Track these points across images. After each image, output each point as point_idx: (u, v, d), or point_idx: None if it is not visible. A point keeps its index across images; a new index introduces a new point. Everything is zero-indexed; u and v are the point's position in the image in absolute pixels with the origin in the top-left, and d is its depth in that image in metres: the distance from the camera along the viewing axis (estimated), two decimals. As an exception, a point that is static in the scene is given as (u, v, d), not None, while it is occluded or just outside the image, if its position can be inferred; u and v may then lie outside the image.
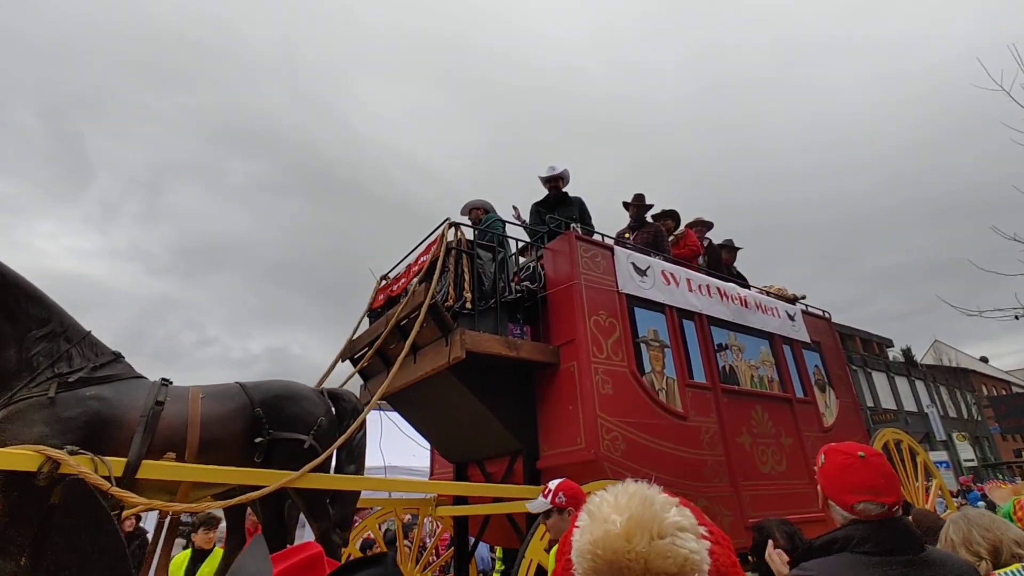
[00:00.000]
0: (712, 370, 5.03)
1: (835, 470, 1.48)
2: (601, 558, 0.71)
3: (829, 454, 1.54)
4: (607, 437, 3.99)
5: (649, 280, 4.97)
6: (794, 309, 6.47)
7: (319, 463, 3.02)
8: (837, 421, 6.10)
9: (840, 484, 1.45)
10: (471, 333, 3.97)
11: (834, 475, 1.48)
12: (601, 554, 0.72)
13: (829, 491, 1.49)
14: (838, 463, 1.49)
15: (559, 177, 5.66)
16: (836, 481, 1.46)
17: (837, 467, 1.48)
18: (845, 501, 1.42)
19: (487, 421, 4.35)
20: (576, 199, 5.44)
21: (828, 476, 1.50)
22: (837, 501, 1.45)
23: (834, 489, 1.47)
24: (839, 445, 1.56)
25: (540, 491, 2.93)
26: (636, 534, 0.72)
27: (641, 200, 6.06)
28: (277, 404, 3.07)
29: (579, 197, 5.47)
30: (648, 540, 0.71)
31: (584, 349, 4.19)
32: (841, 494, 1.43)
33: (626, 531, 0.72)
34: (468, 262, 4.29)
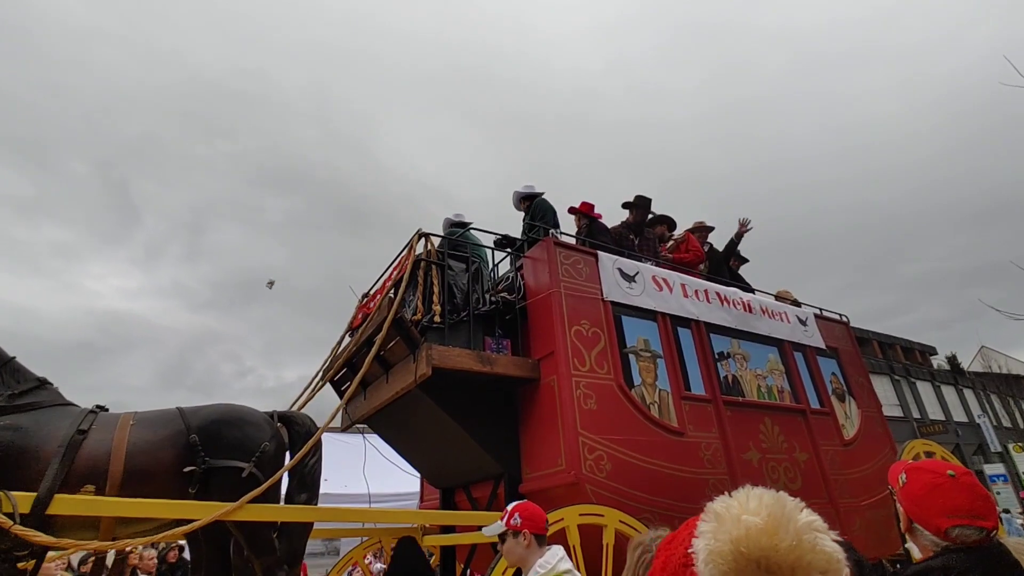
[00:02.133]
0: (712, 381, 4.66)
1: (922, 491, 1.35)
2: (745, 556, 0.63)
3: (912, 473, 1.41)
4: (590, 457, 3.67)
5: (638, 286, 4.65)
6: (805, 313, 6.05)
7: (259, 493, 2.78)
8: (860, 433, 5.61)
9: (930, 507, 1.32)
10: (439, 348, 3.72)
11: (922, 496, 1.35)
12: (746, 552, 0.64)
13: (916, 514, 1.35)
14: (925, 482, 1.35)
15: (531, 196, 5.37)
16: (925, 503, 1.33)
17: (924, 487, 1.35)
18: (938, 526, 1.28)
19: (466, 443, 4.07)
20: (546, 206, 5.16)
21: (914, 497, 1.37)
22: (927, 526, 1.32)
23: (923, 512, 1.33)
24: (921, 463, 1.44)
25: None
26: (780, 529, 0.65)
27: (641, 202, 5.76)
28: (215, 429, 2.86)
29: (549, 205, 5.17)
30: (794, 535, 0.65)
31: (563, 362, 3.90)
32: (932, 517, 1.30)
33: (770, 527, 0.65)
34: (438, 273, 4.07)
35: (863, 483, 5.27)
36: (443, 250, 4.25)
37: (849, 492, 5.09)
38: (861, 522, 4.99)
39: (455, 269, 4.21)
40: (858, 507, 5.08)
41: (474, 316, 4.13)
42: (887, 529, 5.04)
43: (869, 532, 4.99)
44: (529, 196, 5.24)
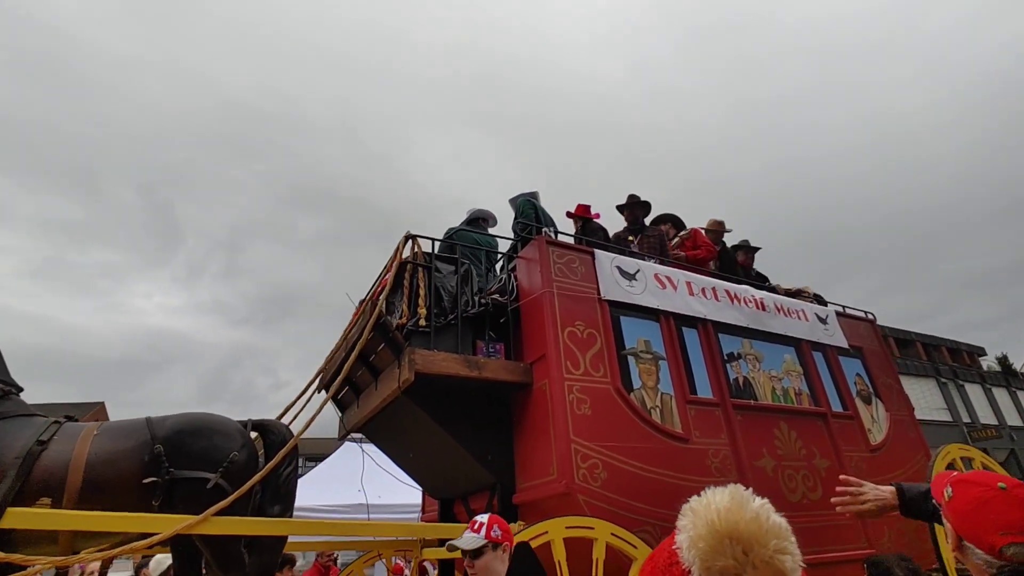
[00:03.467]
0: (721, 383, 4.40)
1: (971, 505, 1.27)
2: (718, 532, 0.73)
3: (958, 486, 1.32)
4: (583, 465, 3.46)
5: (639, 284, 4.43)
6: (826, 311, 5.70)
7: (225, 505, 2.67)
8: (889, 437, 5.23)
9: (982, 523, 1.24)
10: (422, 352, 3.58)
11: (971, 512, 1.27)
12: (718, 528, 0.74)
13: (966, 531, 1.27)
14: (974, 497, 1.28)
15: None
16: (976, 519, 1.25)
17: (973, 502, 1.27)
18: (991, 544, 1.20)
19: (456, 452, 3.91)
20: (526, 205, 4.97)
21: (962, 513, 1.29)
22: (979, 544, 1.24)
23: (974, 529, 1.25)
24: (969, 476, 1.37)
25: (467, 527, 2.46)
26: (741, 509, 0.77)
27: (636, 199, 5.56)
28: (181, 440, 2.77)
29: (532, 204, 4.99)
30: (752, 512, 0.76)
31: (555, 365, 3.71)
32: (985, 535, 1.22)
33: (734, 507, 0.77)
34: (424, 276, 3.93)
35: (893, 492, 4.90)
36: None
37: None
38: (890, 533, 4.62)
39: (443, 271, 4.07)
40: (887, 517, 4.70)
41: (463, 319, 3.97)
42: (920, 541, 4.65)
43: (899, 543, 4.62)
44: (525, 198, 5.09)
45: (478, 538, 2.26)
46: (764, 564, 0.72)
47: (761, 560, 0.72)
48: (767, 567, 0.72)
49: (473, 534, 2.28)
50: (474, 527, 2.31)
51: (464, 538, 2.28)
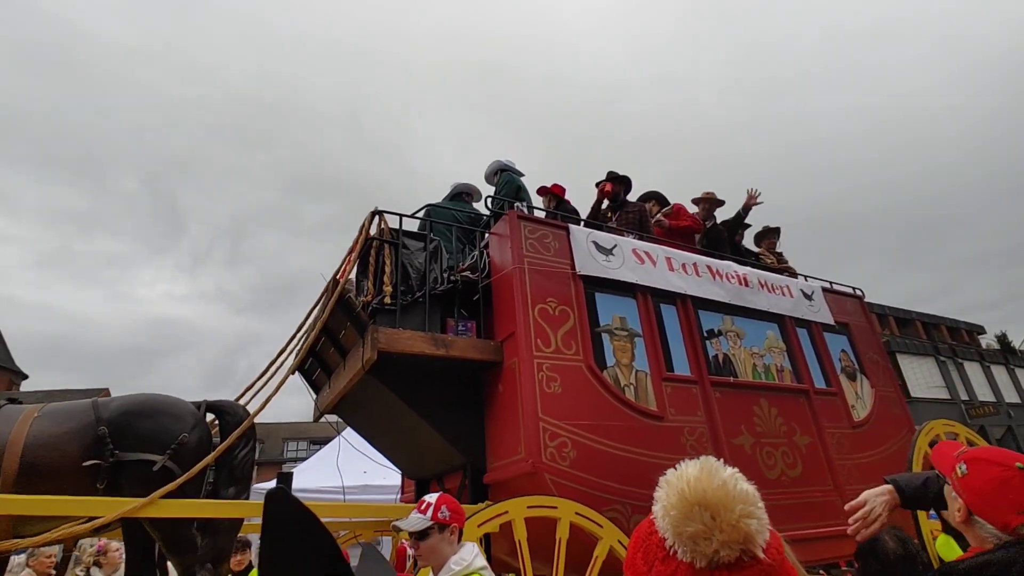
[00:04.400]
0: (699, 360, 4.30)
1: (991, 485, 1.31)
2: (688, 500, 0.77)
3: (973, 464, 1.35)
4: (551, 444, 3.38)
5: (616, 259, 4.31)
6: (812, 287, 5.59)
7: (173, 488, 2.59)
8: (873, 414, 5.15)
9: (1000, 502, 1.28)
10: (386, 331, 3.48)
11: (988, 491, 1.31)
12: (688, 496, 0.77)
13: (981, 508, 1.31)
14: (993, 476, 1.31)
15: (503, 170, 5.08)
16: (993, 498, 1.29)
17: (993, 481, 1.30)
18: (1007, 523, 1.26)
19: (426, 432, 3.84)
20: (513, 182, 4.83)
21: (978, 491, 1.32)
22: (994, 521, 1.29)
23: (989, 507, 1.30)
24: (985, 452, 1.41)
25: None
26: (710, 477, 0.80)
27: (615, 175, 5.41)
28: (127, 421, 2.68)
29: (519, 182, 4.86)
30: (720, 480, 0.79)
31: (524, 342, 3.61)
32: (1001, 513, 1.27)
33: (703, 476, 0.80)
34: (391, 253, 3.82)
35: (875, 468, 4.83)
36: (395, 229, 3.99)
37: (859, 478, 4.66)
38: (872, 511, 4.56)
39: (411, 248, 3.96)
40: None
41: (431, 297, 3.87)
42: (901, 517, 4.59)
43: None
44: (501, 170, 4.95)
45: (424, 519, 2.17)
46: (730, 527, 0.75)
47: (728, 524, 0.75)
48: (733, 530, 0.74)
49: (419, 515, 2.19)
50: (421, 507, 2.22)
51: (410, 519, 2.19)
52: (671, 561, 0.78)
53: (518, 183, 4.74)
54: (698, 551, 0.75)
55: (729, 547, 0.75)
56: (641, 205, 5.43)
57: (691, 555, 0.76)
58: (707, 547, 0.75)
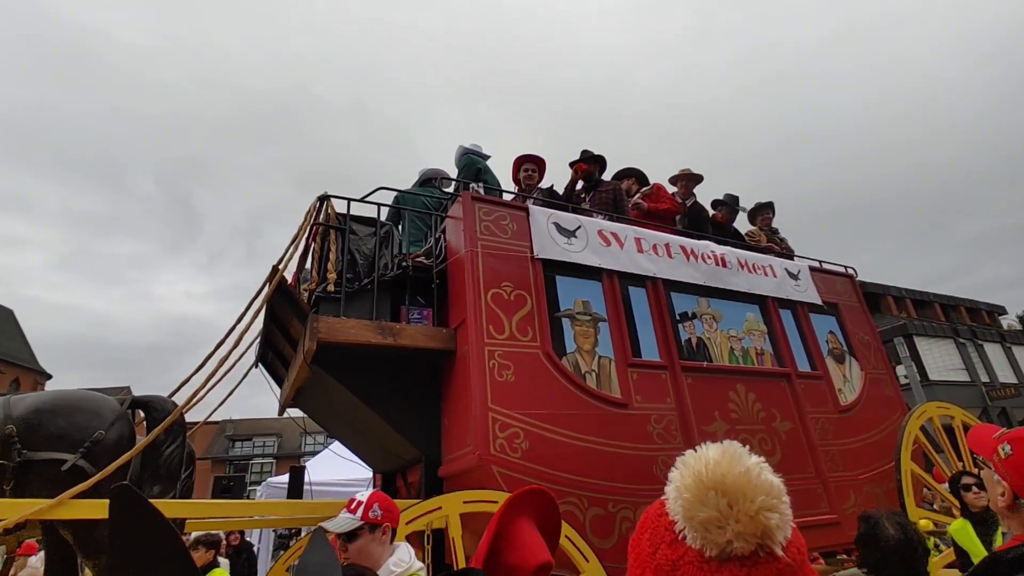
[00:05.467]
0: (670, 345, 4.09)
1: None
2: (705, 484, 0.71)
3: (1019, 443, 1.29)
4: (502, 435, 3.21)
5: (579, 242, 4.11)
6: (798, 266, 5.33)
7: (85, 488, 2.47)
8: (862, 397, 4.91)
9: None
10: (327, 320, 3.33)
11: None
12: (705, 480, 0.71)
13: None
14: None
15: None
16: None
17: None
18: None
19: (380, 424, 3.69)
20: (472, 163, 4.64)
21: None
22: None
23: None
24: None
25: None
26: (732, 462, 0.73)
27: (589, 154, 5.19)
28: (37, 419, 2.57)
29: (479, 164, 4.67)
30: (743, 467, 0.72)
31: (475, 329, 3.43)
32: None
33: (724, 461, 0.73)
34: (337, 238, 3.66)
35: (863, 454, 4.61)
36: (342, 214, 3.82)
37: (845, 464, 4.45)
38: (857, 497, 4.34)
39: (360, 233, 3.79)
40: (855, 480, 4.43)
41: (381, 284, 3.71)
42: (889, 505, 4.37)
43: (868, 507, 4.33)
44: (464, 153, 4.76)
45: (353, 519, 2.01)
46: (748, 519, 0.67)
47: (746, 514, 0.67)
48: (752, 523, 0.67)
49: (348, 514, 2.03)
50: (351, 506, 2.06)
51: (338, 519, 2.03)
52: (678, 546, 0.72)
53: (479, 164, 4.55)
54: (709, 539, 0.69)
55: (744, 539, 0.67)
56: (616, 184, 5.21)
57: (701, 542, 0.70)
58: (720, 536, 0.68)
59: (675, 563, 0.71)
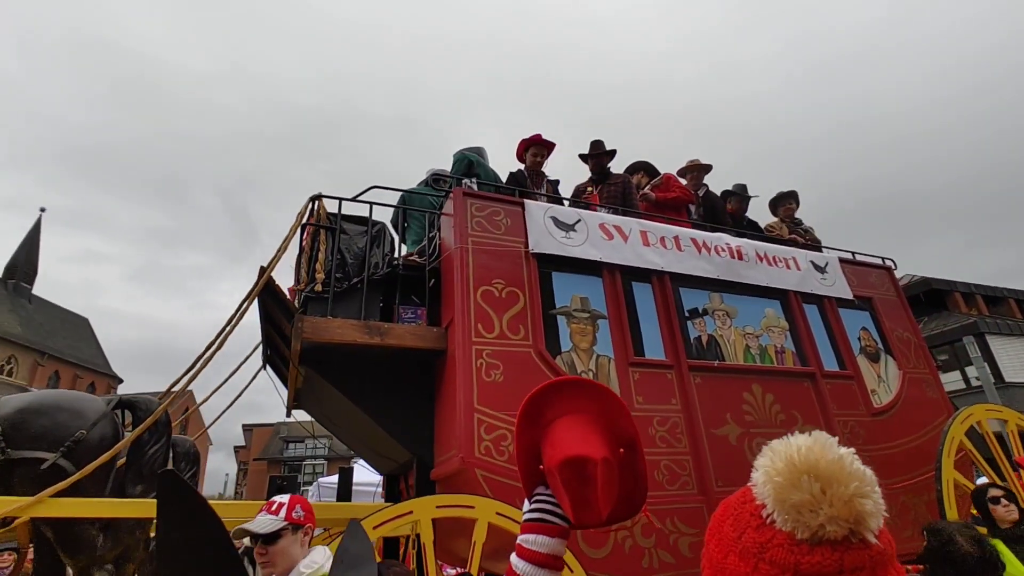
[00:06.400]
0: (676, 343, 3.87)
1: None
2: (797, 468, 0.70)
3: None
4: (487, 437, 3.09)
5: (578, 235, 3.95)
6: (825, 258, 4.97)
7: (64, 486, 2.51)
8: (899, 398, 4.51)
9: None
10: (312, 320, 3.30)
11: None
12: (797, 464, 0.70)
13: None
14: None
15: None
16: None
17: None
18: None
19: (372, 426, 3.64)
20: (462, 158, 4.54)
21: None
22: None
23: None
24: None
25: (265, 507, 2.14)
26: (825, 449, 0.72)
27: (599, 148, 5.01)
28: (22, 419, 2.63)
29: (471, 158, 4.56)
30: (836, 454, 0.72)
31: (462, 328, 3.33)
32: None
33: (816, 447, 0.72)
34: (327, 238, 3.64)
35: (900, 461, 4.22)
36: (333, 214, 3.80)
37: (878, 472, 4.01)
38: (892, 508, 3.97)
39: (350, 232, 3.76)
40: (890, 490, 4.05)
41: (372, 283, 3.66)
42: (930, 517, 3.98)
43: (904, 520, 3.97)
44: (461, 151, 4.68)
45: (275, 520, 1.95)
46: (842, 504, 0.67)
47: (839, 499, 0.67)
48: (845, 507, 0.67)
49: (270, 516, 1.97)
50: (271, 508, 2.00)
51: (257, 520, 1.98)
52: (766, 530, 0.71)
53: (471, 158, 4.45)
54: (801, 521, 0.68)
55: (837, 523, 0.66)
56: (626, 177, 5.01)
57: (792, 525, 0.68)
58: (812, 519, 0.67)
59: (763, 545, 0.70)
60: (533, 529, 1.03)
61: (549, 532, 1.02)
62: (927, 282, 25.04)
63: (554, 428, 1.07)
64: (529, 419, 1.09)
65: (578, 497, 0.98)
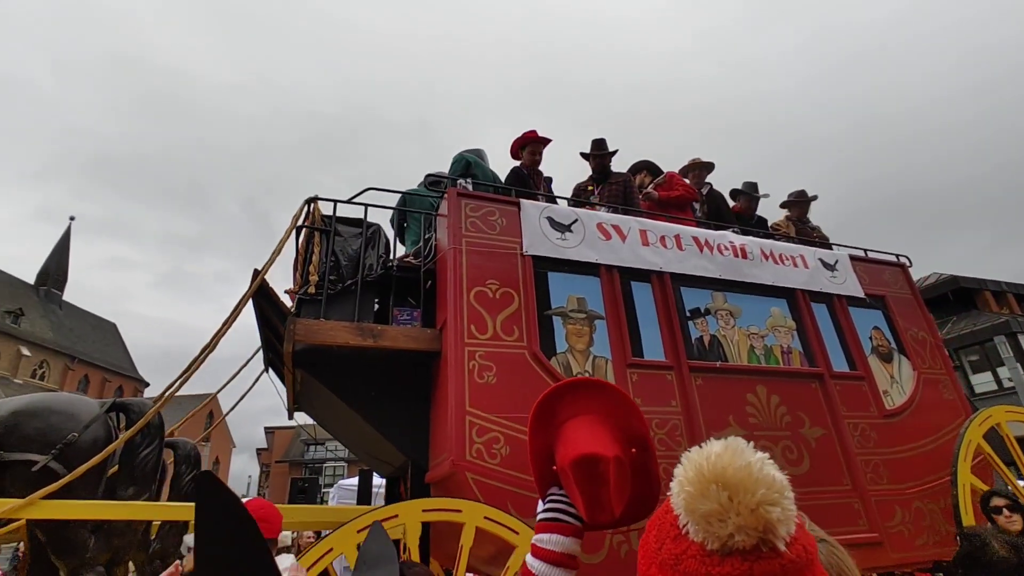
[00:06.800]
0: (677, 344, 3.78)
1: None
2: (706, 477, 0.70)
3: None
4: (479, 440, 3.05)
5: (574, 236, 3.89)
6: (835, 255, 4.83)
7: (54, 488, 2.53)
8: (913, 400, 4.35)
9: None
10: (305, 322, 3.30)
11: None
12: (706, 473, 0.70)
13: None
14: None
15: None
16: None
17: None
18: None
19: (368, 429, 3.62)
20: (459, 158, 4.52)
21: None
22: None
23: None
24: None
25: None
26: (734, 456, 0.71)
27: (602, 147, 4.95)
28: (15, 421, 2.67)
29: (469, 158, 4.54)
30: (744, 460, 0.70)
31: (455, 329, 3.30)
32: None
33: (726, 454, 0.72)
34: (321, 241, 3.64)
35: (914, 465, 4.07)
36: (328, 216, 3.80)
37: (890, 476, 3.94)
38: (905, 514, 3.83)
39: (345, 235, 3.76)
40: (903, 495, 3.91)
41: (367, 285, 3.65)
42: (945, 524, 3.84)
43: (918, 526, 3.82)
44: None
45: None
46: (749, 512, 0.67)
47: (746, 507, 0.67)
48: (752, 516, 0.66)
49: None
50: None
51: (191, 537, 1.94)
52: (682, 540, 0.72)
53: (469, 159, 4.43)
54: (711, 532, 0.68)
55: (746, 533, 0.66)
56: (627, 176, 4.94)
57: (703, 535, 0.69)
58: (721, 529, 0.67)
59: (679, 557, 0.70)
60: (548, 529, 1.04)
61: (563, 531, 1.03)
62: (955, 280, 24.32)
63: (566, 428, 1.09)
64: (542, 420, 1.11)
65: (591, 496, 0.99)
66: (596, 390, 1.14)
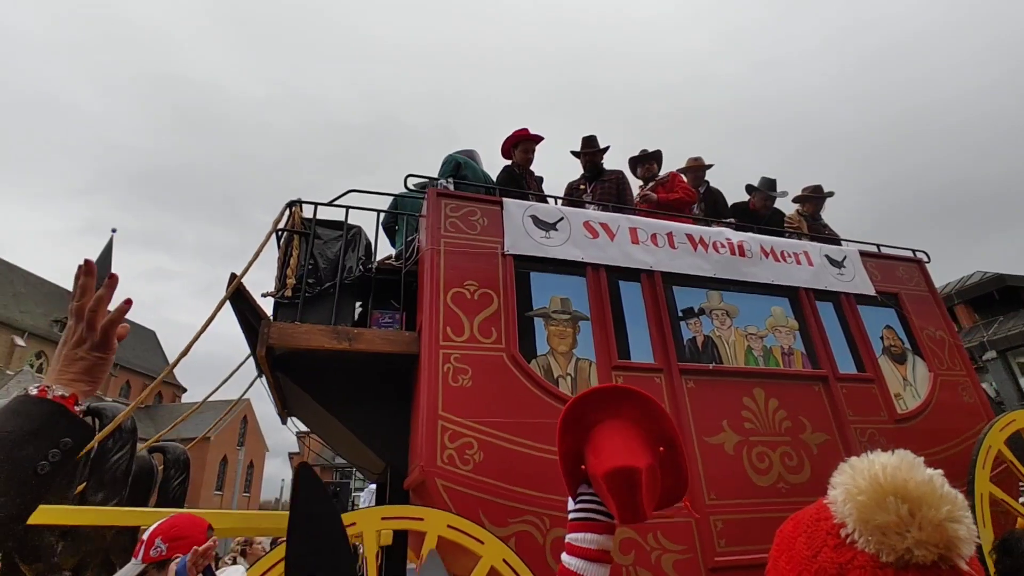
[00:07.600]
0: (667, 345, 3.63)
1: None
2: (882, 487, 0.67)
3: None
4: (451, 445, 2.96)
5: (560, 234, 3.78)
6: (844, 251, 4.58)
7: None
8: (928, 403, 4.08)
9: None
10: (278, 325, 3.27)
11: None
12: (883, 483, 0.68)
13: None
14: None
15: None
16: None
17: None
18: None
19: (348, 434, 3.57)
20: (449, 160, 4.45)
21: None
22: None
23: None
24: None
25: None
26: (912, 470, 0.69)
27: (592, 144, 4.82)
28: None
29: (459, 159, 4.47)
30: (924, 475, 0.68)
31: (430, 331, 3.22)
32: None
33: (904, 466, 0.70)
34: (300, 244, 3.62)
35: (929, 473, 3.80)
36: (308, 219, 3.78)
37: (901, 486, 3.68)
38: (917, 527, 3.57)
39: (324, 237, 3.73)
40: (916, 506, 3.65)
41: (347, 288, 3.61)
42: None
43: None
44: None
45: (135, 564, 1.86)
46: (932, 527, 0.64)
47: (929, 522, 0.64)
48: (936, 531, 0.64)
49: (132, 561, 1.88)
50: (136, 549, 1.91)
51: (123, 570, 1.88)
52: (846, 550, 0.69)
53: (459, 160, 4.35)
54: (886, 544, 0.66)
55: (927, 548, 0.64)
56: (619, 174, 4.79)
57: (876, 547, 0.66)
58: (899, 542, 0.65)
59: (843, 566, 0.68)
60: (581, 528, 1.08)
61: (597, 529, 1.06)
62: (1001, 279, 23.16)
63: (597, 434, 1.13)
64: (572, 422, 1.15)
65: (624, 502, 1.02)
66: (624, 395, 1.18)
